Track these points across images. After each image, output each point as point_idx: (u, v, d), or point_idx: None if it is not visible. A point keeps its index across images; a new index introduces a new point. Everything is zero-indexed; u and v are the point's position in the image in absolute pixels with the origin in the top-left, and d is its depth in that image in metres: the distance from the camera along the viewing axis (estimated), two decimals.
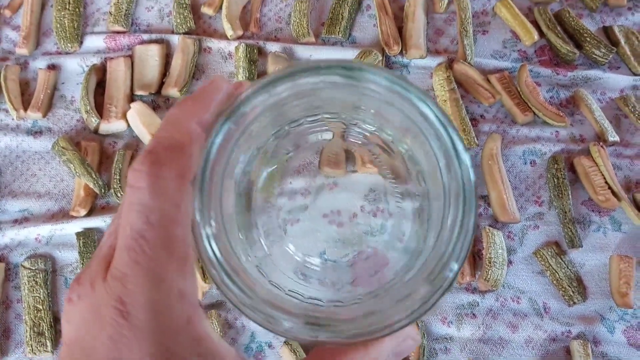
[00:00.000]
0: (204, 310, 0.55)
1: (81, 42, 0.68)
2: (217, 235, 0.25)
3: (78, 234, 0.59)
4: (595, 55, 0.66)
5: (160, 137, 0.24)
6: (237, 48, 0.67)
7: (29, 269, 0.58)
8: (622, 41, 0.67)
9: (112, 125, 0.64)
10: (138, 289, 0.22)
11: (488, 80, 0.66)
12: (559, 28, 0.67)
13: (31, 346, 0.55)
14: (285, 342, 0.55)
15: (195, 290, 0.23)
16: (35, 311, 0.56)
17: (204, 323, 0.23)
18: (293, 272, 0.35)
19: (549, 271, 0.57)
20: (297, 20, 0.67)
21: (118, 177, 0.61)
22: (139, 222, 0.22)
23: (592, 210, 0.60)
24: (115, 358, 0.21)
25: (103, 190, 0.61)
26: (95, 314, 0.22)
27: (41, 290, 0.57)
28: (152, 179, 0.22)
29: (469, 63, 0.66)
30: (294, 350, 0.54)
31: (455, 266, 0.25)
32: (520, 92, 0.64)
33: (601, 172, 0.61)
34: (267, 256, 0.35)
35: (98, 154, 0.63)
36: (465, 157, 0.26)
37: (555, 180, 0.60)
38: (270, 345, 0.56)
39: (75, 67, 0.67)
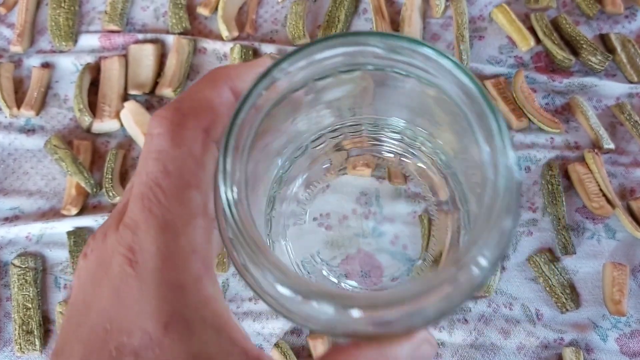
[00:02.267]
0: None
1: (76, 41, 0.68)
2: (239, 202, 0.22)
3: (69, 233, 0.59)
4: (592, 62, 0.66)
5: (189, 90, 0.23)
6: (232, 49, 0.66)
7: (19, 267, 0.57)
8: (619, 49, 0.67)
9: (105, 125, 0.63)
10: (149, 238, 0.21)
11: (484, 86, 0.65)
12: (555, 34, 0.67)
13: (20, 344, 0.55)
14: (275, 345, 0.54)
15: (210, 251, 0.22)
16: (25, 309, 0.56)
17: (215, 287, 0.22)
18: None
19: (542, 278, 0.57)
20: (293, 22, 0.67)
21: (110, 176, 0.60)
22: (156, 169, 0.21)
23: (586, 218, 0.60)
24: (115, 312, 0.20)
25: (95, 190, 0.60)
26: (103, 265, 0.21)
27: (31, 289, 0.56)
28: (173, 126, 0.22)
29: None
30: (285, 354, 0.54)
31: (483, 262, 0.22)
32: (516, 98, 0.64)
33: (595, 179, 0.60)
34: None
35: (90, 153, 0.63)
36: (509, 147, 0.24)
37: (550, 187, 0.60)
38: (260, 347, 0.55)
39: (70, 65, 0.67)
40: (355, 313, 0.21)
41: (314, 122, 0.37)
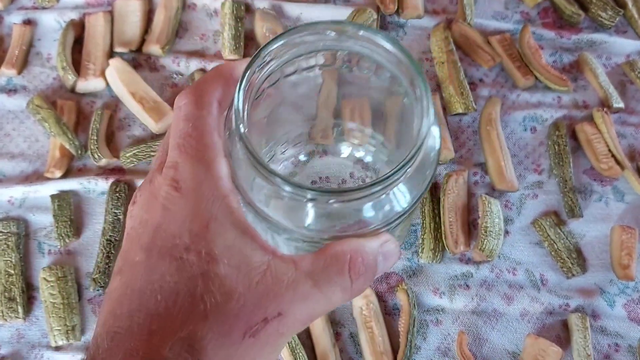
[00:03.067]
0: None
1: None
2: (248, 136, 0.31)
3: (53, 197, 0.56)
4: (601, 17, 0.63)
5: (203, 77, 0.32)
6: (223, 4, 0.63)
7: (1, 232, 0.55)
8: (630, 4, 0.64)
9: (90, 84, 0.60)
10: (187, 169, 0.28)
11: (488, 42, 0.62)
12: None
13: (1, 312, 0.52)
14: None
15: (229, 179, 0.29)
16: (7, 276, 0.53)
17: (238, 203, 0.29)
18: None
19: (547, 242, 0.54)
20: None
21: (95, 137, 0.57)
22: (187, 126, 0.29)
23: (594, 180, 0.57)
24: (167, 223, 0.27)
25: (79, 152, 0.57)
26: (152, 197, 0.28)
27: (13, 255, 0.54)
28: (195, 97, 0.30)
29: (468, 24, 0.62)
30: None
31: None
32: (522, 55, 0.61)
33: (604, 139, 0.58)
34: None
35: (75, 114, 0.60)
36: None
37: (556, 148, 0.57)
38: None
39: (52, 22, 0.64)
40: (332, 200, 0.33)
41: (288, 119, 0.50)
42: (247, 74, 0.37)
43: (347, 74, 0.45)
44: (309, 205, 0.38)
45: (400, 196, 0.40)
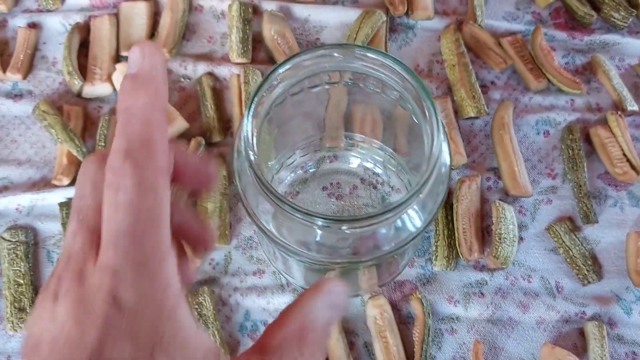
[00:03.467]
0: (195, 288, 0.52)
1: None
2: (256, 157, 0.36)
3: (61, 204, 0.55)
4: (614, 18, 0.62)
5: (129, 133, 0.24)
6: (230, 6, 0.62)
7: (9, 241, 0.54)
8: None
9: (97, 88, 0.59)
10: (129, 281, 0.23)
11: (499, 44, 0.61)
12: None
13: (12, 322, 0.52)
14: None
15: (178, 281, 0.24)
16: (16, 286, 0.53)
17: (187, 311, 0.24)
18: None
19: (562, 248, 0.54)
20: None
21: (103, 143, 0.57)
22: (128, 219, 0.23)
23: (609, 184, 0.57)
24: (103, 343, 0.22)
25: None
26: (84, 309, 0.23)
27: (22, 264, 0.53)
28: (136, 178, 0.23)
29: (479, 25, 0.62)
30: None
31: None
32: (534, 57, 0.60)
33: (619, 143, 0.57)
34: None
35: (82, 119, 0.59)
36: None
37: (570, 152, 0.57)
38: (265, 324, 0.52)
39: (57, 26, 0.63)
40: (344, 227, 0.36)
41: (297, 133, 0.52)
42: (255, 100, 0.37)
43: (354, 88, 0.45)
44: (319, 231, 0.38)
45: (414, 216, 0.39)
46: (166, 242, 0.24)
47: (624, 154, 0.56)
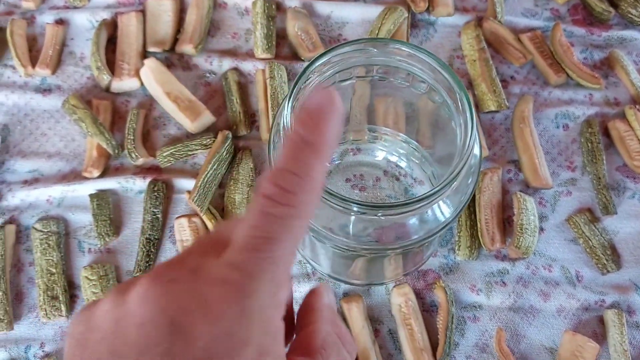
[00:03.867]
0: None
1: None
2: None
3: (92, 196, 0.57)
4: (632, 14, 0.63)
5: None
6: (254, 3, 0.63)
7: (41, 231, 0.55)
8: None
9: (125, 83, 0.61)
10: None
11: (519, 40, 0.63)
12: None
13: (45, 310, 0.53)
14: None
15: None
16: (49, 275, 0.54)
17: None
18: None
19: (582, 239, 0.55)
20: None
21: (132, 137, 0.58)
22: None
23: (627, 177, 0.58)
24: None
25: (117, 151, 0.58)
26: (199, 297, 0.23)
27: (54, 253, 0.55)
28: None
29: (499, 21, 0.63)
30: None
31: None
32: (554, 52, 0.61)
33: (637, 136, 0.58)
34: None
35: (110, 113, 0.60)
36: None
37: (589, 145, 0.58)
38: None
39: (85, 22, 0.64)
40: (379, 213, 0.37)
41: None
42: (294, 91, 0.39)
43: (379, 82, 0.46)
44: (353, 216, 0.39)
45: (445, 207, 0.41)
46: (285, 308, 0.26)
47: None
